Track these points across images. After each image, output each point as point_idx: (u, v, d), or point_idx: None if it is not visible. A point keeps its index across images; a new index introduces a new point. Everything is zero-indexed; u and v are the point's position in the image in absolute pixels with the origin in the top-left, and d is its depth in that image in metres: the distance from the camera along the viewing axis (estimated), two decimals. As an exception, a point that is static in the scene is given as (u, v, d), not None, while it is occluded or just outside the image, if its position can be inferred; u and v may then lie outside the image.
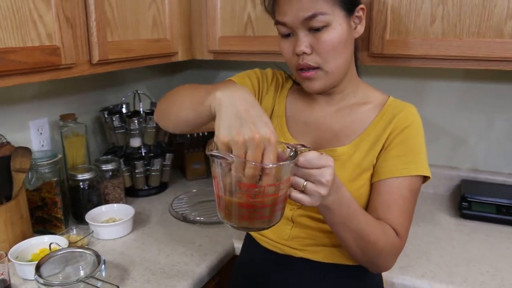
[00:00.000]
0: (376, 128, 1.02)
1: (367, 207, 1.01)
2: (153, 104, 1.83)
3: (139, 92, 1.81)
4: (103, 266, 1.13)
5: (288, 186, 0.77)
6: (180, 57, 1.65)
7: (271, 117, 1.12)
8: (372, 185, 1.01)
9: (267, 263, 1.10)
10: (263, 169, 0.71)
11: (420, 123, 1.02)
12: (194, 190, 1.74)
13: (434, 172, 1.77)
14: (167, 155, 1.78)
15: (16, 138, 1.46)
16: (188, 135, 1.85)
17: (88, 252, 1.18)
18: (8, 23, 1.04)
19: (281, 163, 0.73)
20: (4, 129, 1.43)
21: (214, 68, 2.16)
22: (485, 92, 1.69)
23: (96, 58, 1.29)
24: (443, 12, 1.33)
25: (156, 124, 1.71)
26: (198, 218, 1.53)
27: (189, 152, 1.88)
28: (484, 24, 1.30)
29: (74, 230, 1.40)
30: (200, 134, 1.85)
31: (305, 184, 0.77)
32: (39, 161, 1.43)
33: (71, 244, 1.30)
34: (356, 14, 0.98)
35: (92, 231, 1.39)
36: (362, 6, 0.99)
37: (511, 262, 1.29)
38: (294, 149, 0.77)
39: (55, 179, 1.44)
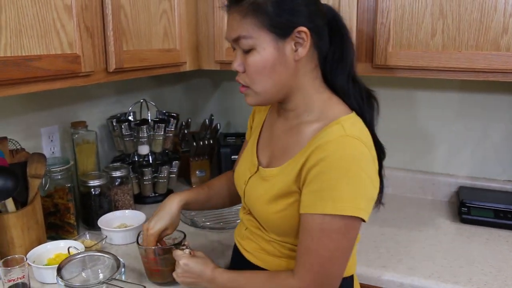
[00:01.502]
0: (304, 154, 0.97)
1: (293, 233, 1.02)
2: (160, 113, 1.87)
3: (146, 101, 1.84)
4: (123, 269, 1.16)
5: (150, 262, 1.20)
6: (188, 67, 1.69)
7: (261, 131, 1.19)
8: None
9: (233, 260, 1.26)
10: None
11: (342, 157, 0.91)
12: (201, 197, 1.78)
13: (432, 179, 1.85)
14: (174, 162, 1.82)
15: (28, 145, 1.48)
16: (194, 143, 1.88)
17: (107, 255, 1.20)
18: (34, 32, 1.08)
19: (140, 246, 1.20)
20: (17, 136, 1.45)
21: (218, 77, 2.20)
22: (481, 102, 1.77)
23: (112, 66, 1.32)
24: (443, 26, 1.40)
25: (164, 131, 1.76)
26: (208, 223, 1.56)
27: (194, 160, 1.92)
28: (482, 38, 1.37)
29: (87, 235, 1.42)
30: (206, 142, 1.89)
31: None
32: (52, 167, 1.45)
33: (86, 249, 1.32)
34: (297, 35, 0.95)
35: (106, 236, 1.41)
36: (301, 29, 0.94)
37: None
38: (174, 244, 1.19)
39: (68, 185, 1.47)
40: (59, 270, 1.13)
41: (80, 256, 1.20)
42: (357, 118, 1.00)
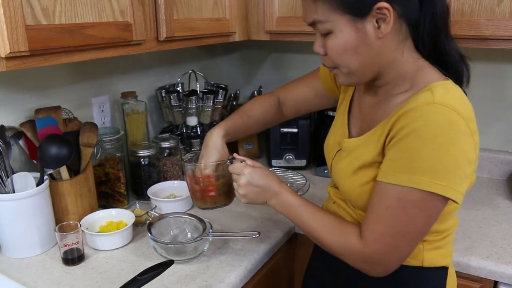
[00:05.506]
0: (388, 123, 0.91)
1: None
2: (208, 84, 1.85)
3: (195, 72, 1.83)
4: (210, 230, 1.22)
5: (205, 180, 1.15)
6: (238, 37, 1.66)
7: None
8: None
9: None
10: None
11: (425, 125, 0.83)
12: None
13: (490, 156, 1.76)
14: (222, 134, 1.80)
15: (79, 115, 1.50)
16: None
17: (192, 217, 1.27)
18: (87, -1, 1.07)
19: (196, 164, 1.18)
20: (69, 105, 1.47)
21: (267, 48, 2.16)
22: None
23: (163, 35, 1.31)
24: (512, -10, 1.30)
25: (213, 103, 1.74)
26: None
27: (241, 133, 1.90)
28: (557, 1, 1.27)
29: (137, 204, 1.44)
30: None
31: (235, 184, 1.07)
32: (104, 137, 1.46)
33: (136, 218, 1.33)
34: (377, 12, 0.86)
35: (155, 206, 1.42)
36: (381, 4, 0.85)
37: None
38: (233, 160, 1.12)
39: (119, 154, 1.48)
40: (149, 227, 1.20)
41: (172, 216, 1.28)
42: (453, 85, 0.91)
